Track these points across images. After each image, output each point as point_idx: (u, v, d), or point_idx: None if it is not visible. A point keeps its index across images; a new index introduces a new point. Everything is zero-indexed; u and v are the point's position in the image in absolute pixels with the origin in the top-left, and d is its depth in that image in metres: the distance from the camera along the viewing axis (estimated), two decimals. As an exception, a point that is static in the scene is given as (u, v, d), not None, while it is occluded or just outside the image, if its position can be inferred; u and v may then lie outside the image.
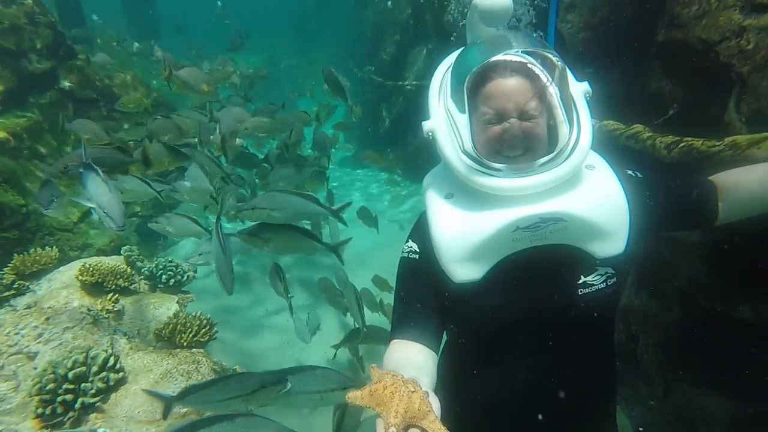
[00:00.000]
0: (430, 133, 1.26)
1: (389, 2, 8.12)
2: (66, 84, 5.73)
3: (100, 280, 3.42)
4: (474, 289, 1.19)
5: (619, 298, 1.31)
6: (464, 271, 1.19)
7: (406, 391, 0.86)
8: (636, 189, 1.25)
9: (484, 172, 1.17)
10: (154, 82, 8.10)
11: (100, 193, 2.51)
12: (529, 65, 1.21)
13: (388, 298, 4.04)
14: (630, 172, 1.32)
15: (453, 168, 1.21)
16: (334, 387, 2.09)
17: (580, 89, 1.26)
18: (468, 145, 1.20)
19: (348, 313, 3.77)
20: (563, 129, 1.21)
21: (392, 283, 1.54)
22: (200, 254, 3.09)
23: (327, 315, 4.31)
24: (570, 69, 1.27)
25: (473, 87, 1.21)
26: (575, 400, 1.26)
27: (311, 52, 14.44)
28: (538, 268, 1.19)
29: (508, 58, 1.19)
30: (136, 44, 4.75)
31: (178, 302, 3.71)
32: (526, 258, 1.18)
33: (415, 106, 7.22)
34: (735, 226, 1.36)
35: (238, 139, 4.10)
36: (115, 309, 3.31)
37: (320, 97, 10.50)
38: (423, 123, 1.28)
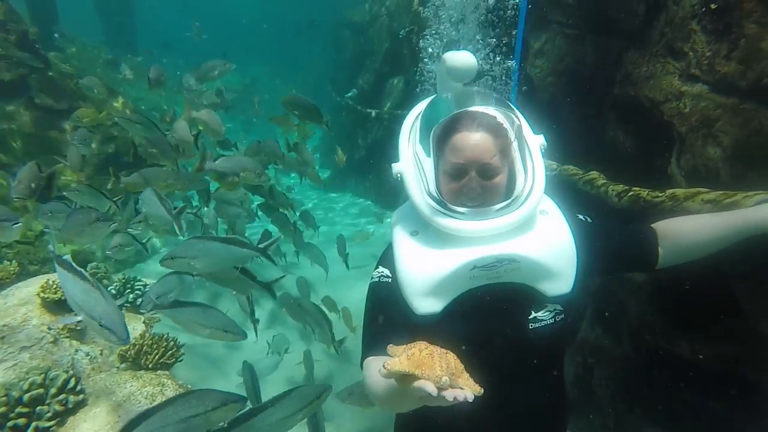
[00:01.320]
0: (399, 175, 1.37)
1: (368, 34, 8.38)
2: (37, 94, 5.65)
3: (63, 297, 3.33)
4: (434, 321, 1.28)
5: (567, 332, 1.42)
6: (425, 304, 1.28)
7: (440, 351, 0.89)
8: (584, 233, 1.37)
9: (446, 214, 1.27)
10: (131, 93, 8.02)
11: (91, 303, 1.89)
12: (491, 121, 1.32)
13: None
14: (581, 216, 1.44)
15: (418, 208, 1.32)
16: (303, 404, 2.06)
17: (536, 141, 1.38)
18: (432, 188, 1.30)
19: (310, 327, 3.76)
20: (520, 178, 1.34)
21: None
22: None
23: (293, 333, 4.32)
24: (528, 121, 1.41)
25: (440, 136, 1.32)
26: (526, 425, 1.36)
27: (291, 77, 14.61)
28: (493, 303, 1.29)
29: (472, 111, 1.30)
30: (128, 71, 4.58)
31: (144, 322, 3.65)
32: (482, 294, 1.29)
33: (390, 134, 7.40)
34: (676, 269, 1.50)
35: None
36: (77, 328, 3.24)
37: (295, 119, 10.61)
38: (393, 165, 1.39)
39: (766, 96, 1.48)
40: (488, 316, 1.30)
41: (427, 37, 3.73)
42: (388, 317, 1.33)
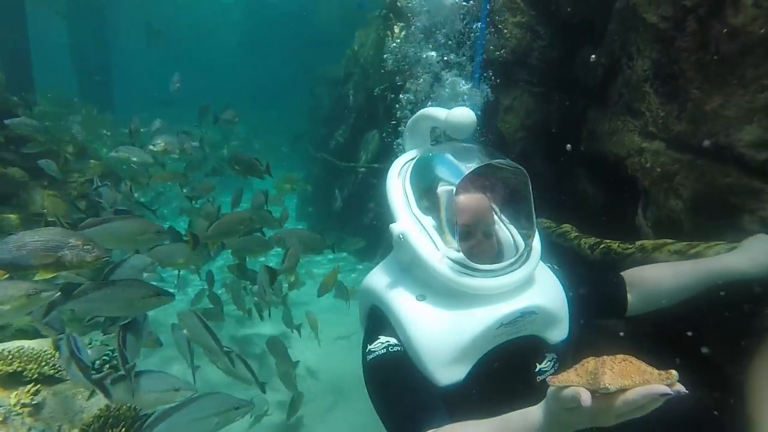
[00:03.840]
0: (401, 236, 1.27)
1: (344, 90, 8.67)
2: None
3: (19, 368, 3.02)
4: (454, 390, 1.19)
5: None
6: (448, 375, 1.18)
7: (611, 358, 0.79)
8: (560, 281, 1.40)
9: (468, 274, 1.21)
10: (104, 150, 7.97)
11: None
12: (494, 180, 1.37)
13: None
14: (548, 265, 1.48)
15: (433, 270, 1.22)
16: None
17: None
18: (446, 248, 1.24)
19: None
20: (505, 231, 1.40)
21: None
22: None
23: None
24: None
25: (446, 195, 1.28)
26: None
27: (270, 131, 14.84)
28: (507, 360, 1.25)
29: (479, 171, 1.28)
30: (122, 150, 4.59)
31: None
32: (497, 353, 1.24)
33: (367, 187, 7.51)
34: (656, 319, 1.54)
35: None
36: (33, 402, 2.93)
37: (277, 171, 10.70)
38: (391, 226, 1.30)
39: (715, 153, 1.59)
40: (504, 374, 1.26)
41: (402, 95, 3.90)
42: (414, 389, 1.17)
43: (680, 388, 0.74)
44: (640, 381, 0.75)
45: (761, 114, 1.44)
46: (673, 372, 0.75)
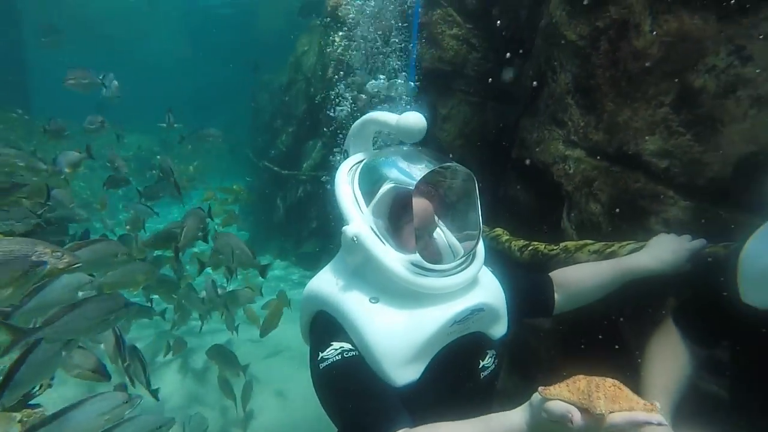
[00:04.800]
0: (356, 238, 1.26)
1: (286, 98, 8.58)
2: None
3: None
4: (409, 390, 1.20)
5: (497, 378, 1.47)
6: (405, 375, 1.19)
7: (600, 380, 0.86)
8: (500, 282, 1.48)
9: (424, 275, 1.23)
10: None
11: None
12: (441, 183, 1.42)
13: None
14: (489, 267, 1.56)
15: (389, 271, 1.23)
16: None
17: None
18: (402, 250, 1.26)
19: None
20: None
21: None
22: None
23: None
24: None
25: (397, 198, 1.31)
26: None
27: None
28: (456, 357, 1.28)
29: (428, 175, 1.29)
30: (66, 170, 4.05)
31: (20, 422, 2.99)
32: (447, 351, 1.27)
33: (309, 196, 7.46)
34: (575, 315, 1.66)
35: None
36: None
37: (212, 181, 10.38)
38: (344, 229, 1.29)
39: (627, 161, 1.74)
40: (454, 371, 1.29)
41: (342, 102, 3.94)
42: (374, 393, 1.17)
43: (661, 418, 0.82)
44: (626, 408, 0.83)
45: (661, 126, 1.60)
46: (657, 404, 0.84)
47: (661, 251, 1.55)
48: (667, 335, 1.43)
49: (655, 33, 1.58)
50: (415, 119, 1.38)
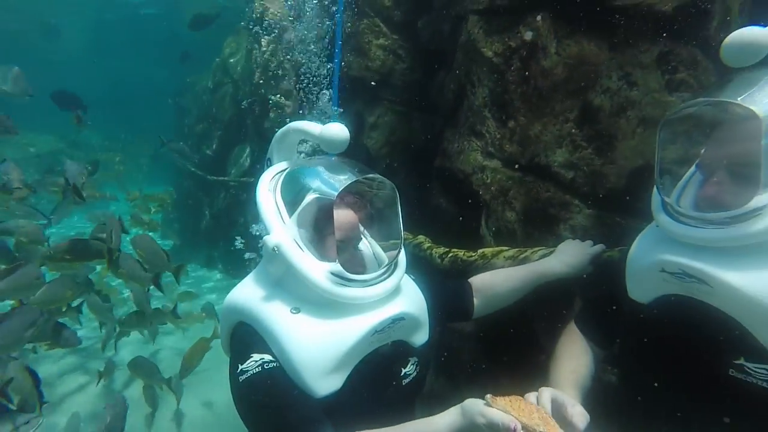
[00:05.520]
0: (276, 248, 1.25)
1: (212, 101, 8.28)
2: None
3: None
4: (333, 400, 1.20)
5: (422, 384, 1.51)
6: (326, 385, 1.19)
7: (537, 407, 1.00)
8: (421, 289, 1.51)
9: (346, 285, 1.24)
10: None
11: None
12: (365, 194, 1.42)
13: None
14: (411, 275, 1.60)
15: (311, 282, 1.22)
16: None
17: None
18: (326, 259, 1.27)
19: None
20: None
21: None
22: None
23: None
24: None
25: (320, 209, 1.31)
26: None
27: (132, 142, 13.51)
28: (377, 366, 1.30)
29: (350, 186, 1.30)
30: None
31: None
32: (369, 360, 1.28)
33: (237, 203, 7.23)
34: (494, 317, 1.74)
35: None
36: None
37: (131, 185, 9.76)
38: (265, 238, 1.28)
39: (539, 171, 1.86)
40: (376, 379, 1.30)
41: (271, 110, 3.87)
42: (295, 404, 1.15)
43: None
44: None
45: (567, 140, 1.73)
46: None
47: (567, 256, 1.68)
48: (571, 337, 1.55)
49: (559, 55, 1.71)
50: (338, 130, 1.39)
